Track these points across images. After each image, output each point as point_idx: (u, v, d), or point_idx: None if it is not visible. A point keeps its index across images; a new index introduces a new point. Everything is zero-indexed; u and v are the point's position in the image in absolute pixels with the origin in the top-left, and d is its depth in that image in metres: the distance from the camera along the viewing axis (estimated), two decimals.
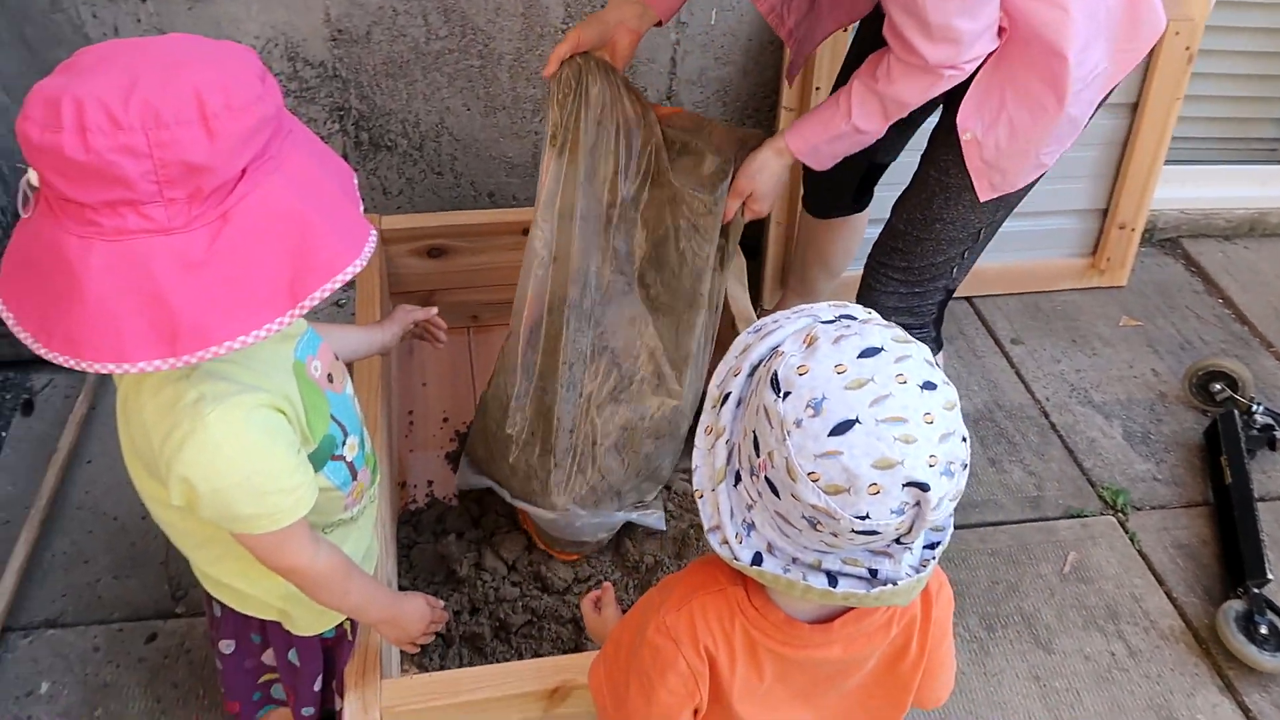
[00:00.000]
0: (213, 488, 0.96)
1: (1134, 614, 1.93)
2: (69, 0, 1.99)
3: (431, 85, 2.21)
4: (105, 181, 0.81)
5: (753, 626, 0.95)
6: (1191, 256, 2.79)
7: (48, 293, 0.87)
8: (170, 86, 0.81)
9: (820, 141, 1.53)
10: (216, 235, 0.85)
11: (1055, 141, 1.49)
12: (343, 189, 0.97)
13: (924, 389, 0.81)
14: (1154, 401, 2.37)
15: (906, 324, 1.67)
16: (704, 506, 0.90)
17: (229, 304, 0.86)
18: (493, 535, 1.69)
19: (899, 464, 0.78)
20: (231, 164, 0.85)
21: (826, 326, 0.86)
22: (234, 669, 1.31)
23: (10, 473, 1.98)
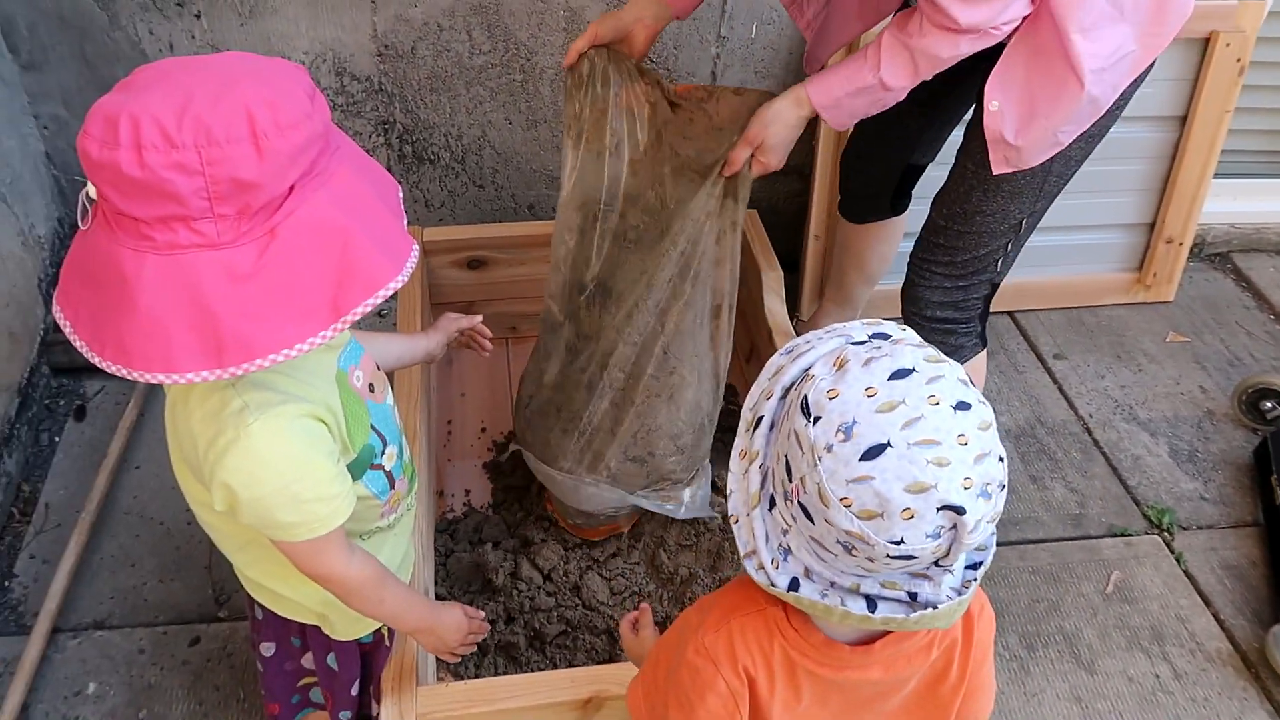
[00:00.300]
0: (253, 495, 0.99)
1: (1180, 635, 1.90)
2: (127, 18, 2.05)
3: (474, 99, 2.24)
4: (159, 197, 0.83)
5: (791, 647, 0.94)
6: (1242, 272, 2.73)
7: (102, 303, 0.90)
8: (222, 105, 0.83)
9: (843, 95, 1.48)
10: (264, 250, 0.87)
11: (1074, 122, 1.47)
12: (387, 204, 1.00)
13: (957, 409, 0.80)
14: (1201, 419, 2.33)
15: (951, 318, 1.67)
16: (739, 531, 0.89)
17: (274, 317, 0.88)
18: (529, 545, 1.70)
19: (932, 488, 0.77)
20: (280, 181, 0.87)
21: (857, 348, 0.85)
22: (274, 671, 1.33)
23: (63, 477, 2.03)
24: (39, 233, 2.17)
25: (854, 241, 2.09)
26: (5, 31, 2.05)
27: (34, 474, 2.03)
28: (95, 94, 2.26)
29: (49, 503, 1.98)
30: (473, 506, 1.88)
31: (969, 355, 1.71)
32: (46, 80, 2.12)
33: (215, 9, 2.06)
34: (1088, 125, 1.49)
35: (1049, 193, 1.60)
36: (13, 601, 1.82)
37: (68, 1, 2.02)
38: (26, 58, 2.09)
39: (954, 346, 1.69)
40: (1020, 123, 1.48)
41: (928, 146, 1.86)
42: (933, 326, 1.68)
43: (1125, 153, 2.41)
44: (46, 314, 2.17)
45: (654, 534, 1.72)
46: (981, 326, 1.72)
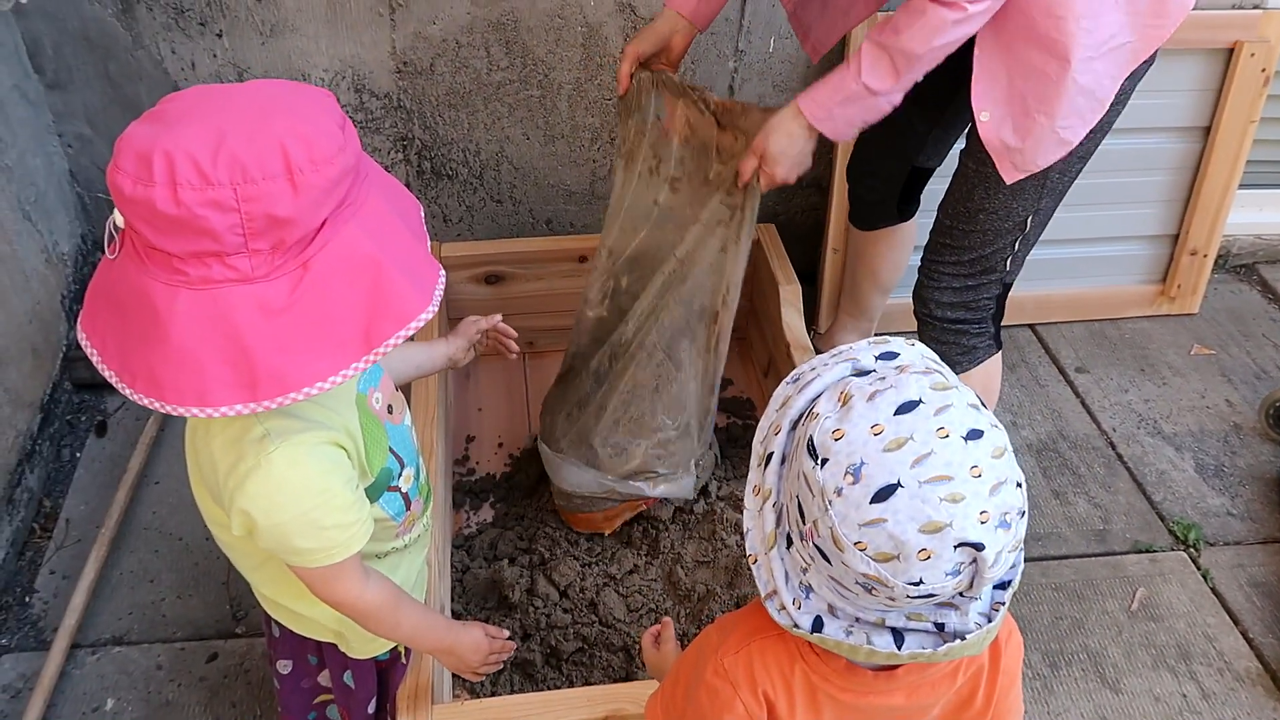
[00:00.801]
0: (272, 522, 0.99)
1: (1207, 654, 1.86)
2: (150, 38, 2.07)
3: (492, 115, 2.25)
4: (193, 234, 0.83)
5: (813, 672, 0.92)
6: (1269, 283, 2.70)
7: (132, 334, 0.90)
8: (257, 141, 0.83)
9: (833, 104, 1.47)
10: (297, 284, 0.87)
11: (1074, 115, 1.45)
12: (411, 228, 0.99)
13: (969, 440, 0.77)
14: (1228, 433, 2.30)
15: (963, 319, 1.65)
16: (758, 572, 0.87)
17: (307, 350, 0.88)
18: (546, 561, 1.69)
19: (947, 526, 0.75)
20: (315, 216, 0.87)
21: (861, 381, 0.83)
22: (291, 689, 1.33)
23: (84, 492, 2.04)
24: (63, 250, 2.19)
25: (866, 249, 2.08)
26: (31, 52, 2.08)
27: (55, 489, 2.04)
28: (119, 113, 2.28)
29: (70, 518, 1.99)
30: (489, 522, 1.88)
31: (983, 356, 1.70)
32: (71, 99, 2.15)
33: (237, 28, 2.08)
34: (1093, 120, 1.48)
35: (1053, 189, 1.58)
36: (33, 617, 1.83)
37: (92, 22, 2.05)
38: (51, 77, 2.12)
39: (967, 347, 1.68)
40: (1015, 123, 1.47)
41: (933, 150, 1.86)
42: (944, 326, 1.67)
43: (1148, 164, 2.39)
44: (69, 330, 2.19)
45: (671, 550, 1.71)
46: (995, 328, 1.70)
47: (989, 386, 1.75)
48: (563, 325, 2.12)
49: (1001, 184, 1.54)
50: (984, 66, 1.46)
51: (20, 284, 1.99)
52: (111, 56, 2.10)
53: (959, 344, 1.68)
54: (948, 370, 0.86)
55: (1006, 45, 1.43)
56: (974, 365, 1.69)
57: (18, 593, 1.86)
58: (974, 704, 0.98)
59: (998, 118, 1.48)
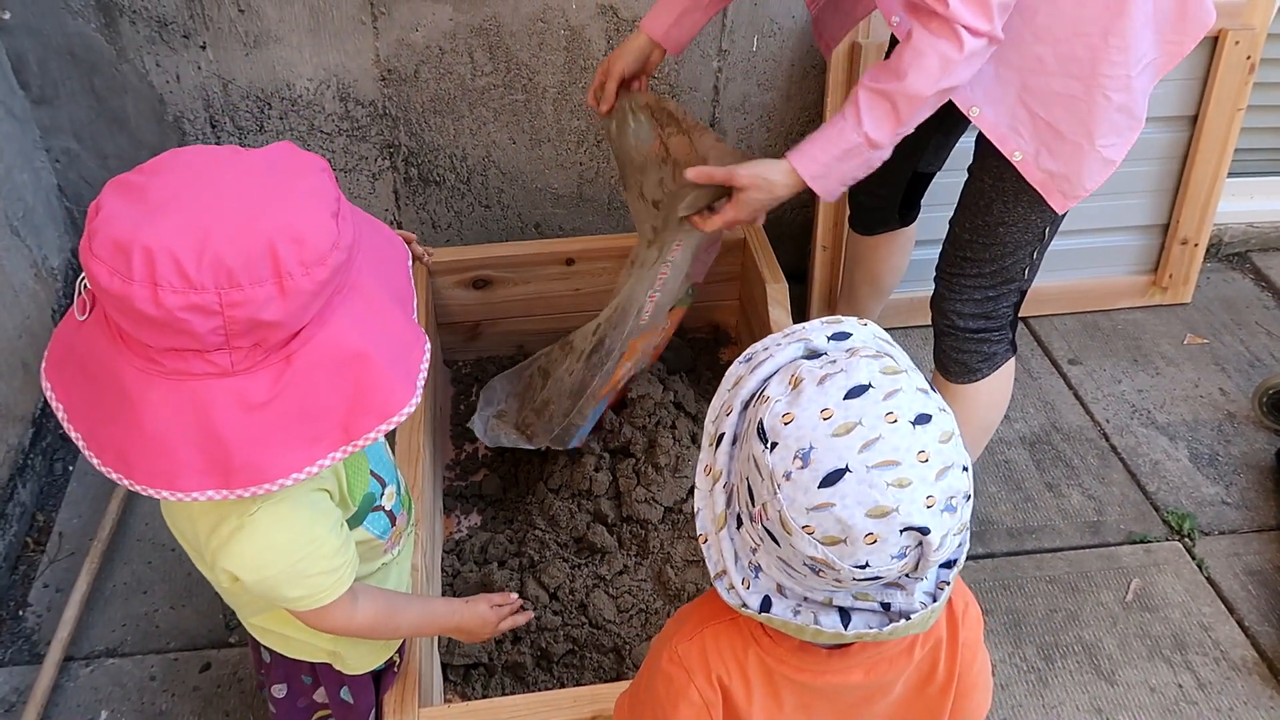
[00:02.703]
0: (259, 578, 0.97)
1: (1203, 644, 1.85)
2: (134, 52, 2.08)
3: (478, 120, 2.25)
4: (173, 333, 0.80)
5: (767, 655, 0.93)
6: (1261, 271, 2.69)
7: (102, 408, 0.86)
8: (244, 240, 0.79)
9: (830, 159, 1.42)
10: (279, 377, 0.85)
11: (1113, 133, 1.44)
12: (399, 296, 0.96)
13: (917, 424, 0.78)
14: (1222, 422, 2.29)
15: (984, 328, 1.65)
16: (708, 551, 0.88)
17: (285, 443, 0.86)
18: (535, 564, 1.69)
19: (894, 511, 0.76)
20: (303, 318, 0.84)
21: (812, 364, 0.83)
22: (288, 711, 1.32)
23: (77, 505, 2.05)
24: (52, 264, 2.20)
25: (865, 254, 2.08)
26: (16, 68, 2.09)
27: (48, 503, 2.05)
28: (105, 127, 2.28)
29: (63, 531, 2.00)
30: (479, 526, 1.88)
31: (1001, 362, 1.69)
32: (58, 114, 2.16)
33: (220, 40, 2.08)
34: (1133, 137, 1.46)
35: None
36: (27, 630, 1.83)
37: (76, 37, 2.06)
38: (37, 92, 2.12)
39: (988, 355, 1.67)
40: (1052, 151, 1.45)
41: (934, 155, 1.85)
42: (965, 336, 1.66)
43: (1137, 154, 2.34)
44: None
45: (660, 550, 1.71)
46: (1012, 333, 1.69)
47: (1005, 390, 1.74)
48: (552, 329, 2.13)
49: (1020, 197, 1.53)
50: (1005, 109, 1.44)
51: (10, 299, 2.00)
52: (96, 71, 2.10)
53: (980, 351, 1.67)
54: (899, 352, 0.86)
55: (1022, 85, 1.41)
56: (993, 371, 1.69)
57: (11, 606, 1.86)
58: (936, 678, 0.98)
59: (1031, 152, 1.46)
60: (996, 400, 1.75)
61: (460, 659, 1.59)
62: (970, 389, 1.69)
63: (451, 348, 2.20)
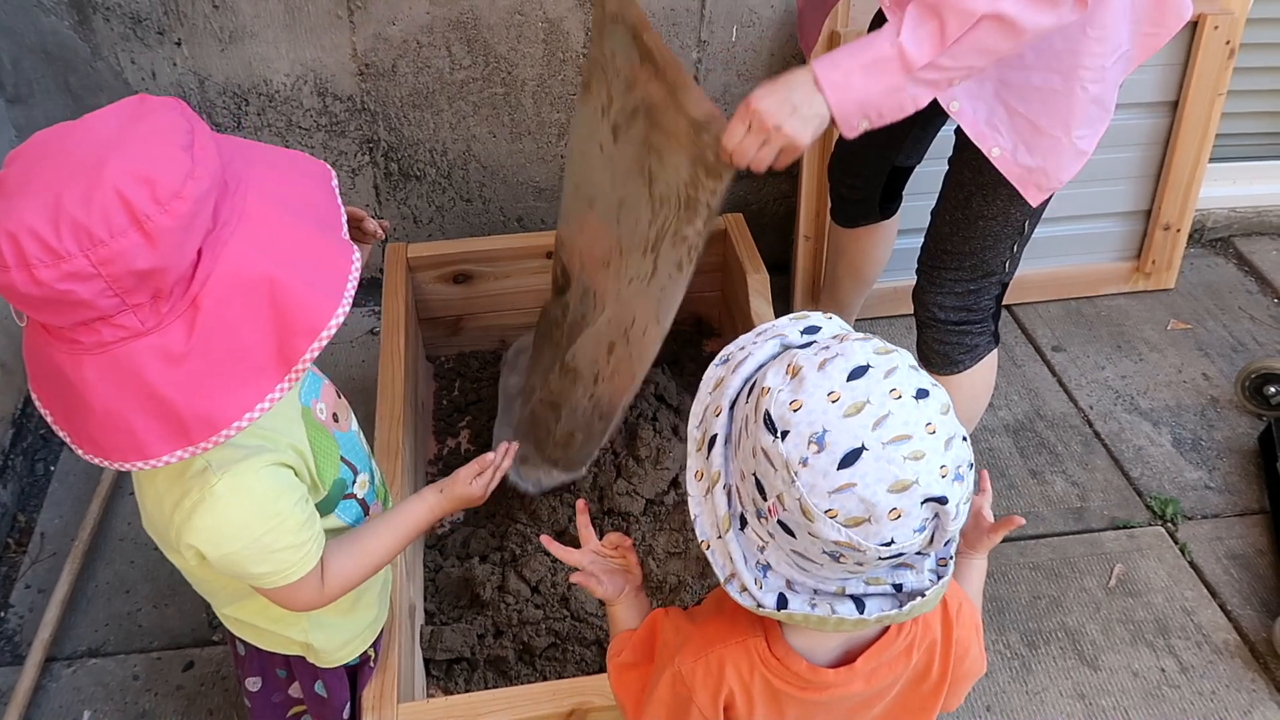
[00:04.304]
0: (222, 553, 0.98)
1: (1185, 628, 1.86)
2: (109, 49, 2.07)
3: (457, 114, 2.24)
4: (66, 306, 0.81)
5: (774, 676, 0.93)
6: (1244, 256, 2.69)
7: (65, 401, 0.90)
8: (94, 196, 0.78)
9: (854, 68, 1.24)
10: (191, 324, 0.85)
11: (1087, 124, 1.44)
12: (317, 216, 0.94)
13: (919, 399, 0.79)
14: (1205, 407, 2.29)
15: (965, 320, 1.65)
16: (714, 557, 0.87)
17: (225, 387, 0.87)
18: (517, 558, 1.69)
19: (914, 483, 0.76)
20: (181, 256, 0.83)
21: (806, 353, 0.83)
22: (262, 705, 1.32)
23: (58, 506, 2.04)
24: None
25: (847, 246, 2.07)
26: None
27: (29, 503, 2.04)
28: None
29: (44, 532, 1.99)
30: (461, 521, 1.87)
31: (984, 353, 1.69)
32: (33, 113, 2.14)
33: (195, 36, 2.07)
34: (1103, 128, 1.46)
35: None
36: (8, 632, 1.82)
37: (50, 35, 2.04)
38: (12, 91, 2.11)
39: (970, 346, 1.67)
40: (1029, 145, 1.45)
41: (913, 148, 1.84)
42: (948, 329, 1.66)
43: (1118, 140, 2.38)
44: None
45: (642, 543, 1.70)
46: (995, 325, 1.69)
47: (988, 380, 1.75)
48: (534, 322, 2.12)
49: (999, 190, 1.52)
50: (983, 104, 1.44)
51: None
52: (71, 69, 2.09)
53: (962, 344, 1.67)
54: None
55: (1000, 81, 1.41)
56: (976, 362, 1.69)
57: None
58: (930, 676, 0.99)
59: (1009, 148, 1.45)
60: (979, 391, 1.75)
61: (442, 654, 1.59)
62: (953, 380, 1.69)
63: (433, 343, 2.19)
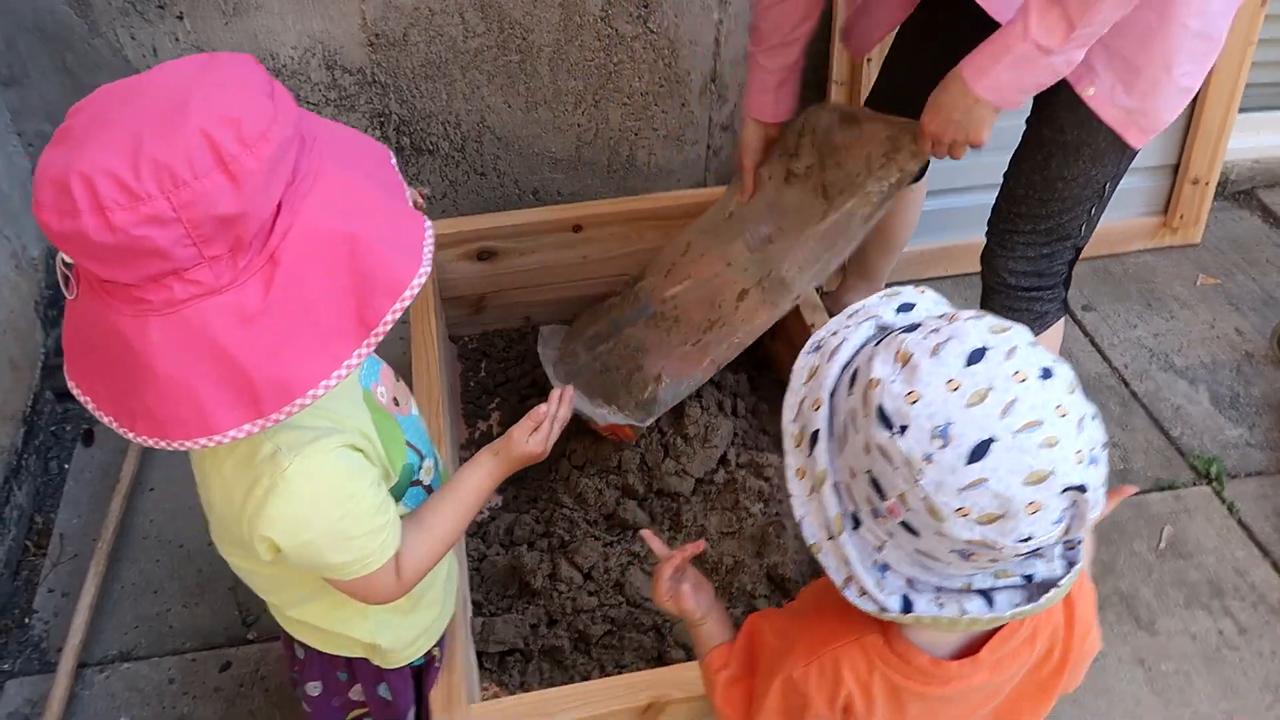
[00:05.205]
0: (299, 542, 0.93)
1: (1239, 588, 1.84)
2: (107, 25, 1.97)
3: (471, 84, 2.16)
4: (140, 257, 0.76)
5: (894, 673, 0.88)
6: (1269, 208, 2.66)
7: (117, 376, 0.83)
8: (177, 137, 0.74)
9: (999, 69, 1.32)
10: (269, 281, 0.80)
11: (1190, 61, 1.37)
12: (383, 183, 0.91)
13: (1044, 379, 0.73)
14: (1240, 362, 2.26)
15: (1036, 286, 1.60)
16: (826, 560, 0.82)
17: (301, 350, 0.81)
18: (566, 544, 1.64)
19: (1051, 473, 0.71)
20: (265, 201, 0.79)
21: (913, 337, 0.77)
22: (322, 709, 1.26)
23: (76, 505, 1.96)
24: (32, 254, 2.09)
25: None
26: None
27: (46, 504, 1.96)
28: None
29: (64, 533, 1.92)
30: (501, 506, 1.81)
31: (1052, 321, 1.65)
32: (29, 95, 2.04)
33: (198, 9, 1.98)
34: (1209, 63, 1.39)
35: (1132, 152, 1.51)
36: (35, 639, 1.75)
37: (45, 12, 1.94)
38: (6, 73, 2.01)
39: (1038, 314, 1.62)
40: (1127, 85, 1.38)
41: None
42: (1017, 294, 1.61)
43: None
44: (46, 338, 2.10)
45: (694, 524, 1.66)
46: (1065, 292, 1.65)
47: (1054, 350, 1.70)
48: (560, 298, 2.06)
49: (1082, 150, 1.47)
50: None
51: None
52: (68, 47, 1.99)
53: (1030, 310, 1.62)
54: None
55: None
56: (1043, 330, 1.65)
57: (16, 614, 1.79)
58: (1052, 658, 0.95)
59: (1106, 87, 1.38)
60: None
61: (495, 646, 1.54)
62: None
63: (456, 323, 2.12)
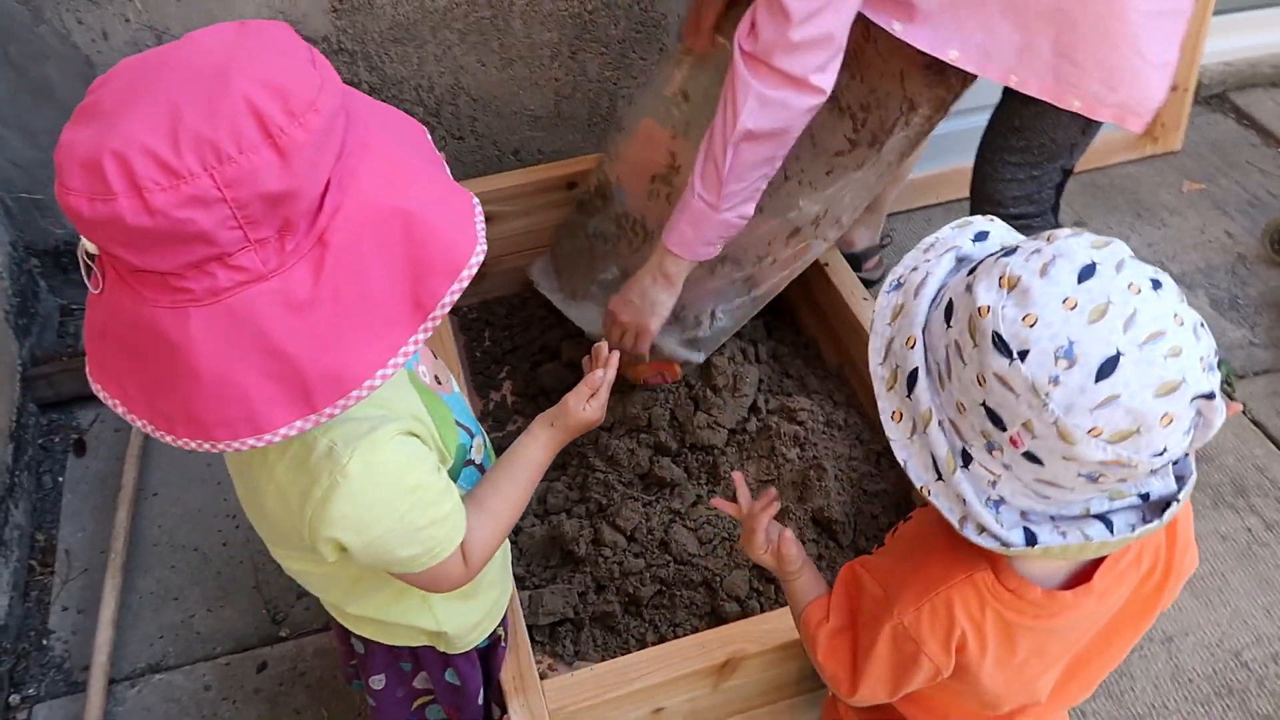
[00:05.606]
0: (367, 539, 0.88)
1: (1261, 485, 1.86)
2: (50, 11, 1.84)
3: (442, 45, 2.07)
4: (181, 242, 0.69)
5: (1007, 609, 0.87)
6: (1242, 110, 2.67)
7: (153, 375, 0.76)
8: (220, 109, 0.68)
9: (684, 226, 1.45)
10: (319, 264, 0.74)
11: (1160, 40, 1.34)
12: (428, 159, 0.85)
13: (1156, 290, 0.72)
14: (1234, 264, 2.28)
15: (1026, 213, 1.58)
16: (939, 501, 0.80)
17: (355, 338, 0.75)
18: (604, 509, 1.60)
19: (1182, 381, 0.70)
20: (316, 179, 0.73)
21: (1014, 260, 0.75)
22: (388, 702, 1.22)
23: (77, 518, 1.88)
24: None
25: None
26: None
27: (45, 520, 1.88)
28: (29, 100, 2.03)
29: (69, 548, 1.83)
30: None
31: None
32: None
33: None
34: (1180, 26, 1.37)
35: None
36: (56, 659, 1.68)
37: None
38: None
39: None
40: (1109, 84, 1.37)
41: None
42: (1008, 222, 1.58)
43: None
44: (20, 348, 1.99)
45: (730, 474, 1.62)
46: (1055, 219, 1.63)
47: None
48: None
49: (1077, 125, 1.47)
50: (1041, 78, 1.38)
51: None
52: (10, 38, 1.86)
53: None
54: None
55: (1052, 37, 1.34)
56: None
57: (33, 636, 1.71)
58: (1154, 576, 0.94)
59: (1090, 94, 1.37)
60: None
61: (545, 617, 1.50)
62: None
63: None
